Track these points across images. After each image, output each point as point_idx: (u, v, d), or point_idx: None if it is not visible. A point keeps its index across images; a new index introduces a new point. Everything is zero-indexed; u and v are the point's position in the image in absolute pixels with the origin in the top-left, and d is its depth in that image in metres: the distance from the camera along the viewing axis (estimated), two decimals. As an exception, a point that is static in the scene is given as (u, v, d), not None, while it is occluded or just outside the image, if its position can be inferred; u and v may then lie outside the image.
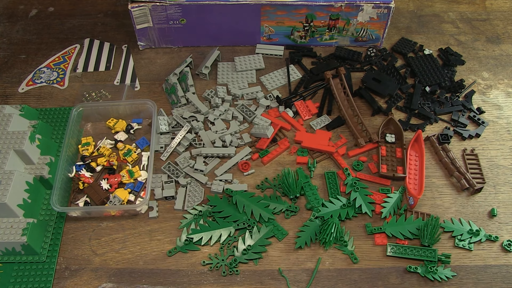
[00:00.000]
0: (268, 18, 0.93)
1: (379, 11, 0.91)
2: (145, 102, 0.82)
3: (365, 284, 0.67)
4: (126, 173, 0.78)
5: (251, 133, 0.83)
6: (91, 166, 0.78)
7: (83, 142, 0.82)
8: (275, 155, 0.81)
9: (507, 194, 0.77)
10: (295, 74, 0.94)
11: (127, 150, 0.80)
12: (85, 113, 0.83)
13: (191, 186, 0.77)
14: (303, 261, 0.69)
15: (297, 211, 0.74)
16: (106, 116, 0.84)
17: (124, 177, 0.77)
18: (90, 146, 0.81)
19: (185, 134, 0.82)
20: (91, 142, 0.82)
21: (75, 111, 0.80)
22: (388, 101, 0.90)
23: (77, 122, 0.81)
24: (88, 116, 0.84)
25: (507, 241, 0.71)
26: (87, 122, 0.85)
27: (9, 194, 0.67)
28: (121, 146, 0.81)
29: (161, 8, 0.90)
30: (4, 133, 0.74)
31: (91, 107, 0.83)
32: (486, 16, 1.08)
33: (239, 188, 0.76)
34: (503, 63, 0.97)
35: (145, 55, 0.98)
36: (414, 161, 0.80)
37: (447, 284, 0.67)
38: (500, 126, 0.86)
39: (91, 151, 0.81)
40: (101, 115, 0.84)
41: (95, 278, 0.68)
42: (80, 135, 0.83)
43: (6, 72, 0.96)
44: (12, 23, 1.06)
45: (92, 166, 0.79)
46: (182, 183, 0.77)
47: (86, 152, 0.80)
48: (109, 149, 0.81)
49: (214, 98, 0.87)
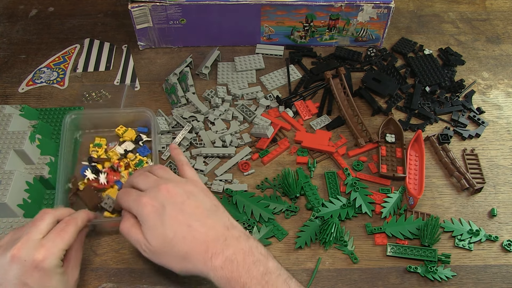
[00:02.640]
0: (268, 18, 0.93)
1: (379, 11, 0.91)
2: (144, 111, 0.80)
3: (365, 284, 0.67)
4: (126, 175, 0.77)
5: (251, 133, 0.83)
6: (96, 168, 0.77)
7: (95, 142, 0.81)
8: (275, 155, 0.81)
9: (507, 194, 0.77)
10: (295, 74, 0.94)
11: (138, 161, 0.79)
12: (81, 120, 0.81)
13: None
14: (303, 261, 0.70)
15: (297, 211, 0.74)
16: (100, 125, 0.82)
17: (124, 178, 0.77)
18: (101, 148, 0.80)
19: (186, 133, 0.82)
20: (104, 144, 0.80)
21: (68, 118, 0.78)
22: (388, 101, 0.90)
23: (70, 130, 0.79)
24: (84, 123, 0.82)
25: (507, 241, 0.71)
26: (84, 129, 0.83)
27: (9, 194, 0.67)
28: (132, 157, 0.79)
29: (161, 8, 0.90)
30: (4, 133, 0.74)
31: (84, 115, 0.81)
32: (486, 16, 1.08)
33: (239, 188, 0.76)
34: (503, 63, 0.97)
35: (145, 55, 0.98)
36: (414, 161, 0.80)
37: (447, 284, 0.67)
38: (500, 126, 0.86)
39: (100, 154, 0.79)
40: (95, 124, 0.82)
41: (95, 278, 0.68)
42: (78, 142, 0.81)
43: (6, 72, 0.96)
44: (12, 23, 1.06)
45: (98, 168, 0.77)
46: None
47: (95, 153, 0.79)
48: (118, 154, 0.79)
49: (214, 98, 0.87)
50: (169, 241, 0.56)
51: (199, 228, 0.56)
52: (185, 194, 0.58)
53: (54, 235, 0.56)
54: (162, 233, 0.56)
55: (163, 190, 0.57)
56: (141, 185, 0.61)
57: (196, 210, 0.57)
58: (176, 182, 0.60)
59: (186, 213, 0.57)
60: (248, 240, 0.56)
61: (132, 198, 0.59)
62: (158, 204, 0.56)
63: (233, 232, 0.56)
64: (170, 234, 0.55)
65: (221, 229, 0.56)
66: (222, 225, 0.57)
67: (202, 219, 0.57)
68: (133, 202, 0.58)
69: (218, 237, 0.55)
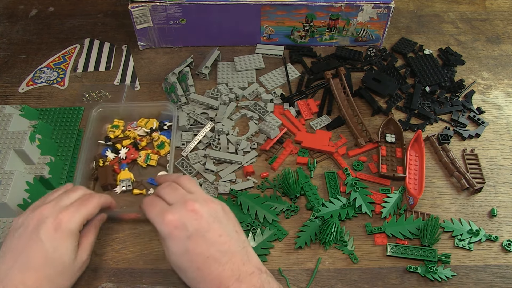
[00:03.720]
0: (268, 18, 0.93)
1: (379, 11, 0.91)
2: (166, 104, 0.82)
3: (365, 284, 0.67)
4: (144, 155, 0.78)
5: (259, 128, 0.83)
6: (116, 147, 0.79)
7: (113, 124, 0.83)
8: (283, 159, 0.80)
9: (507, 194, 0.77)
10: (293, 73, 0.94)
11: (160, 142, 0.80)
12: (103, 114, 0.83)
13: (203, 186, 0.76)
14: (303, 261, 0.70)
15: (297, 211, 0.74)
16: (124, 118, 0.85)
17: (140, 158, 0.78)
18: (118, 129, 0.82)
19: (207, 131, 0.82)
20: (121, 126, 0.83)
21: (95, 112, 0.81)
22: (388, 101, 0.90)
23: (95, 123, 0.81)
24: (106, 117, 0.84)
25: (507, 241, 0.71)
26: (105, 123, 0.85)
27: (9, 194, 0.67)
28: (155, 136, 0.80)
29: (161, 8, 0.90)
30: (4, 133, 0.74)
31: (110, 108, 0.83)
32: (486, 16, 1.08)
33: (243, 186, 0.76)
34: (503, 63, 0.97)
35: (145, 55, 0.98)
36: (414, 161, 0.80)
37: (447, 284, 0.67)
38: (500, 126, 0.86)
39: (117, 134, 0.81)
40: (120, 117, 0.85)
41: (95, 278, 0.68)
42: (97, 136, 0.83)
43: (6, 72, 0.96)
44: (12, 23, 1.06)
45: (117, 148, 0.79)
46: None
47: (112, 134, 0.81)
48: (135, 133, 0.81)
49: (222, 96, 0.87)
50: (184, 268, 0.56)
51: (217, 261, 0.55)
52: (210, 218, 0.57)
53: (78, 203, 0.61)
54: (180, 259, 0.56)
55: (190, 210, 0.56)
56: (168, 197, 0.59)
57: (219, 239, 0.56)
58: (203, 201, 0.58)
59: (209, 241, 0.56)
60: (260, 276, 0.56)
61: (157, 211, 0.58)
62: (182, 226, 0.55)
63: (248, 268, 0.56)
64: (186, 263, 0.56)
65: (238, 263, 0.56)
66: (239, 259, 0.56)
67: (222, 249, 0.56)
68: (156, 217, 0.57)
69: (233, 273, 0.55)
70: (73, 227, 0.58)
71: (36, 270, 0.55)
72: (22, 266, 0.55)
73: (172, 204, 0.58)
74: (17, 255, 0.56)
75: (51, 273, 0.56)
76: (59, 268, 0.57)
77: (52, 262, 0.57)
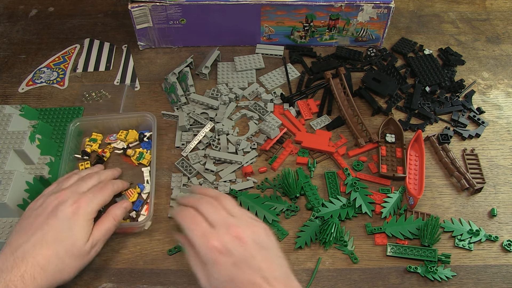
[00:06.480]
0: (268, 18, 0.93)
1: (379, 11, 0.91)
2: (144, 115, 0.81)
3: (365, 284, 0.67)
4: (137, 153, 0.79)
5: (259, 128, 0.83)
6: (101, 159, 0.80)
7: (91, 138, 0.82)
8: (283, 159, 0.80)
9: (507, 194, 0.77)
10: (293, 73, 0.94)
11: (138, 154, 0.79)
12: (82, 127, 0.82)
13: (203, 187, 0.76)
14: (303, 261, 0.70)
15: (297, 211, 0.74)
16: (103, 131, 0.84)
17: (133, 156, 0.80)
18: (96, 143, 0.81)
19: (207, 131, 0.82)
20: (99, 140, 0.82)
21: (72, 126, 0.80)
22: (388, 101, 0.90)
23: (75, 137, 0.80)
24: (85, 131, 0.83)
25: (507, 241, 0.71)
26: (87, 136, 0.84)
27: (9, 194, 0.67)
28: (131, 153, 0.80)
29: (161, 8, 0.90)
30: (4, 133, 0.74)
31: (88, 121, 0.82)
32: (486, 16, 1.08)
33: (243, 186, 0.76)
34: (503, 63, 0.97)
35: (145, 55, 0.98)
36: (414, 161, 0.80)
37: (447, 284, 0.67)
38: (500, 126, 0.86)
39: (93, 148, 0.81)
40: (99, 129, 0.83)
41: (95, 278, 0.68)
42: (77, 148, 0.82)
43: (6, 72, 0.96)
44: (12, 23, 1.06)
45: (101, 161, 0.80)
46: (195, 183, 0.77)
47: (88, 148, 0.81)
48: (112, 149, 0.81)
49: (222, 96, 0.87)
50: None
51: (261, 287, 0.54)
52: (254, 243, 0.56)
53: (95, 190, 0.65)
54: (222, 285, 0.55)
55: (234, 236, 0.56)
56: (209, 216, 0.58)
57: (263, 265, 0.55)
58: (246, 225, 0.58)
59: (254, 268, 0.55)
60: None
61: (200, 232, 0.57)
62: (227, 252, 0.55)
63: None
64: None
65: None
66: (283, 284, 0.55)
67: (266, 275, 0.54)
68: (200, 238, 0.56)
69: None
70: (90, 211, 0.62)
71: (48, 246, 0.58)
72: (36, 241, 0.58)
73: (215, 226, 0.57)
74: (33, 231, 0.59)
75: (61, 250, 0.59)
76: (70, 248, 0.60)
77: (65, 240, 0.59)
